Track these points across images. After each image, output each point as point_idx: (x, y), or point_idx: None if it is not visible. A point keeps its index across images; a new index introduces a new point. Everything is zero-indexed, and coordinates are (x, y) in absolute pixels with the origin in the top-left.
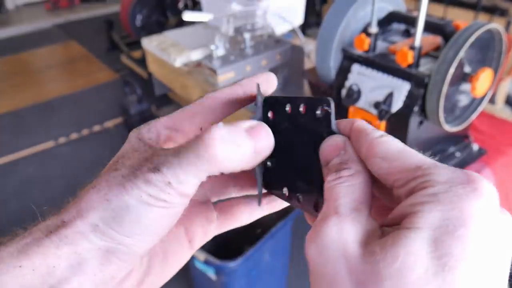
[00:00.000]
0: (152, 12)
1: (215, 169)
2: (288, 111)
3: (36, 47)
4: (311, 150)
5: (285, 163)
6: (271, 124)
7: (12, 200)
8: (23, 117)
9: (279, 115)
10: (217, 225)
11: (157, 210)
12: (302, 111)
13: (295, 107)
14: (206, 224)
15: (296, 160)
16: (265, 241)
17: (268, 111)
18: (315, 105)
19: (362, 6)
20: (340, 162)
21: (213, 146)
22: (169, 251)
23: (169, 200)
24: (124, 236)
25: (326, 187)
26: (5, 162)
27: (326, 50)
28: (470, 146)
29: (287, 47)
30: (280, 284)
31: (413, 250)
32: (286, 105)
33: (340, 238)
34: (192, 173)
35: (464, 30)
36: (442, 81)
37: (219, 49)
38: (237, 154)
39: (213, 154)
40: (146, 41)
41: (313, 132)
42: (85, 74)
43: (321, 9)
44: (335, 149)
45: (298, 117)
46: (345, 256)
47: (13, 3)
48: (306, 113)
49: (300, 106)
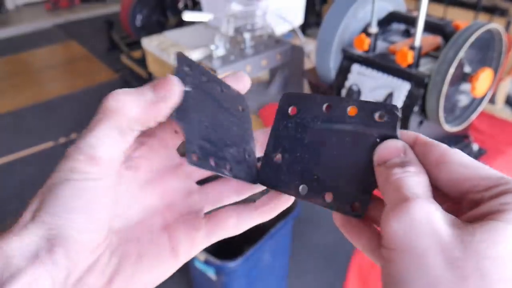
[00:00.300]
0: (152, 12)
1: (123, 121)
2: (325, 110)
3: (36, 47)
4: (354, 151)
5: (305, 160)
6: (288, 120)
7: (12, 200)
8: (23, 117)
9: (307, 113)
10: (205, 233)
11: (80, 185)
12: (349, 113)
13: (340, 108)
14: (192, 231)
15: (326, 159)
16: (265, 241)
17: (289, 107)
18: (374, 109)
19: (362, 6)
20: (402, 161)
21: (114, 98)
22: (145, 255)
23: (88, 170)
24: (56, 217)
25: (391, 179)
26: (5, 162)
27: (326, 50)
28: (470, 146)
29: (287, 47)
30: (280, 284)
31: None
32: (322, 105)
33: (429, 216)
34: (102, 133)
35: (464, 30)
36: (442, 81)
37: (219, 49)
38: (140, 102)
39: (116, 105)
40: (146, 41)
41: (361, 135)
42: (85, 74)
43: (321, 9)
44: (396, 151)
45: (340, 118)
46: (436, 233)
47: (13, 3)
48: (357, 115)
49: (348, 107)
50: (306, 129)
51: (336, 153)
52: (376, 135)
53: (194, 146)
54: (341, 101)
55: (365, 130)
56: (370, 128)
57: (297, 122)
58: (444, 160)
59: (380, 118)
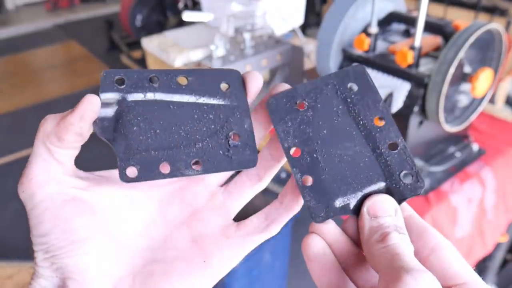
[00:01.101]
0: (152, 12)
1: (43, 135)
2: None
3: (36, 47)
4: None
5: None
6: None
7: (12, 200)
8: (23, 117)
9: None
10: (238, 241)
11: (32, 216)
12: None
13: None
14: (223, 240)
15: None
16: (265, 241)
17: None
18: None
19: (362, 6)
20: (396, 225)
21: (44, 120)
22: (174, 272)
23: (27, 197)
24: (38, 238)
25: (389, 242)
26: (5, 162)
27: (326, 50)
28: (470, 146)
29: (287, 47)
30: (280, 284)
31: None
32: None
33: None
34: (31, 158)
35: (464, 30)
36: (442, 81)
37: (219, 49)
38: (55, 118)
39: (41, 123)
40: (146, 41)
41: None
42: (85, 74)
43: (321, 9)
44: (389, 209)
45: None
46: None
47: (13, 3)
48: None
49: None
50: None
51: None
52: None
53: (129, 161)
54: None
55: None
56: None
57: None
58: (439, 250)
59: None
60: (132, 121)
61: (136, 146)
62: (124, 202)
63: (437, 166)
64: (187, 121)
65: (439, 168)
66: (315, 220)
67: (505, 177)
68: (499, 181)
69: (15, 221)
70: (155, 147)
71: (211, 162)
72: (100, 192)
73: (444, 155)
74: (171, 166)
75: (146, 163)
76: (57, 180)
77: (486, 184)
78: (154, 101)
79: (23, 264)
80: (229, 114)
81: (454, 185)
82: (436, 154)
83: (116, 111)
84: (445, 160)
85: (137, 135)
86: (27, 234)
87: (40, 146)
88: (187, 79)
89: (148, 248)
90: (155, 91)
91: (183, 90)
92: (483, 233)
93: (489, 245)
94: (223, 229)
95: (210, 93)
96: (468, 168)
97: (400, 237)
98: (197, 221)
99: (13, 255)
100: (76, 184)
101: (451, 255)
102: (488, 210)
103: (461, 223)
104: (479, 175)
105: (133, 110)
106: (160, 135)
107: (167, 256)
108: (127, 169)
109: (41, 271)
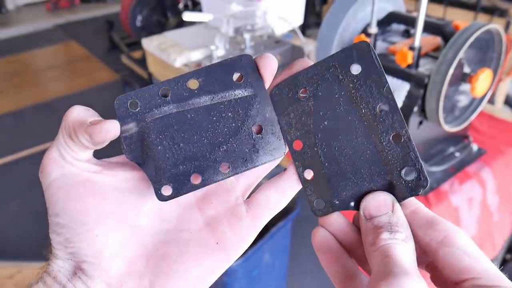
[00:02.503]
0: (152, 13)
1: (66, 125)
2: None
3: (36, 47)
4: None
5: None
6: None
7: (12, 200)
8: (23, 117)
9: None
10: (250, 220)
11: (47, 196)
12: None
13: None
14: (235, 221)
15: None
16: (265, 241)
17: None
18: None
19: (362, 6)
20: (390, 223)
21: (69, 111)
22: (187, 254)
23: (42, 176)
24: (53, 217)
25: (378, 244)
26: (5, 162)
27: (326, 51)
28: (470, 146)
29: (287, 48)
30: (280, 284)
31: None
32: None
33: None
34: (58, 142)
35: (464, 30)
36: (441, 82)
37: (219, 49)
38: (82, 114)
39: (68, 112)
40: (146, 42)
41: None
42: (86, 74)
43: (321, 10)
44: (384, 207)
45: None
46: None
47: (14, 3)
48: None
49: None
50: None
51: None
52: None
53: (161, 181)
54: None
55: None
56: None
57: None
58: (448, 243)
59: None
60: (155, 141)
61: (164, 165)
62: (137, 185)
63: (436, 166)
64: (207, 126)
65: (439, 168)
66: (315, 214)
67: (505, 177)
68: (499, 181)
69: (15, 221)
70: (182, 160)
71: (239, 161)
72: (113, 175)
73: (444, 155)
74: (202, 175)
75: (178, 179)
76: (71, 162)
77: (486, 184)
78: (170, 115)
79: (23, 264)
80: (247, 106)
81: (454, 185)
82: (436, 154)
83: (137, 134)
84: (445, 160)
85: (162, 154)
86: (27, 234)
87: (61, 132)
88: (198, 81)
89: (161, 229)
90: (169, 104)
91: (196, 94)
92: (491, 234)
93: (498, 246)
94: (235, 210)
95: (224, 88)
96: (468, 168)
97: (391, 237)
98: (209, 204)
99: (13, 255)
100: (89, 168)
101: (460, 248)
102: (494, 211)
103: (466, 224)
104: (479, 175)
105: (153, 129)
106: (184, 148)
107: (181, 238)
108: (162, 190)
109: (57, 253)
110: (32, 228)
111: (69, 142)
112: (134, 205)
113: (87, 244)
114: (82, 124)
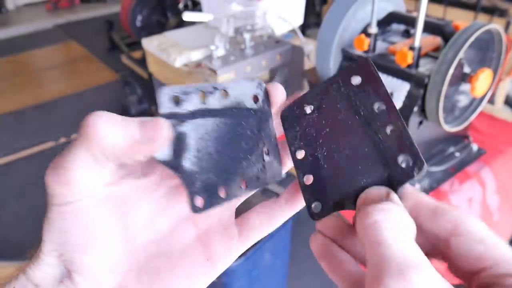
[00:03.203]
0: (152, 13)
1: (96, 148)
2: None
3: (36, 47)
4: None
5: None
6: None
7: (12, 200)
8: (23, 117)
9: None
10: (240, 239)
11: (56, 210)
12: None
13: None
14: (227, 240)
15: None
16: (265, 241)
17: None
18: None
19: (362, 6)
20: (382, 220)
21: (94, 122)
22: (178, 268)
23: (62, 192)
24: (62, 246)
25: (365, 222)
26: (5, 162)
27: (326, 51)
28: (470, 146)
29: (287, 48)
30: (280, 284)
31: None
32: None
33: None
34: (73, 155)
35: (464, 30)
36: (441, 82)
37: (219, 49)
38: (119, 132)
39: (92, 132)
40: (146, 42)
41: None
42: (86, 74)
43: (321, 10)
44: (377, 195)
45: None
46: None
47: (14, 3)
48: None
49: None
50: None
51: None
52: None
53: (195, 191)
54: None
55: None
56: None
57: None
58: (458, 233)
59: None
60: (193, 146)
61: (197, 174)
62: (131, 194)
63: (436, 166)
64: (231, 140)
65: (439, 168)
66: (312, 217)
67: (505, 177)
68: (499, 181)
69: (15, 221)
70: (212, 171)
71: (253, 179)
72: (120, 185)
73: (444, 155)
74: (227, 189)
75: (209, 190)
76: (96, 184)
77: (486, 184)
78: (207, 120)
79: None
80: (260, 128)
81: (454, 185)
82: (436, 154)
83: (179, 135)
84: (445, 160)
85: (197, 161)
86: (27, 234)
87: (86, 154)
88: (228, 92)
89: (153, 241)
90: (207, 109)
91: (226, 105)
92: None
93: None
94: (228, 228)
95: (246, 107)
96: (468, 168)
97: (379, 209)
98: (202, 218)
99: (13, 255)
100: (108, 180)
101: (473, 236)
102: (494, 211)
103: None
104: (479, 175)
105: (193, 132)
106: (214, 158)
107: (173, 251)
108: (195, 200)
109: (47, 259)
110: (32, 228)
111: (98, 166)
112: (127, 216)
113: (86, 257)
114: (125, 127)
